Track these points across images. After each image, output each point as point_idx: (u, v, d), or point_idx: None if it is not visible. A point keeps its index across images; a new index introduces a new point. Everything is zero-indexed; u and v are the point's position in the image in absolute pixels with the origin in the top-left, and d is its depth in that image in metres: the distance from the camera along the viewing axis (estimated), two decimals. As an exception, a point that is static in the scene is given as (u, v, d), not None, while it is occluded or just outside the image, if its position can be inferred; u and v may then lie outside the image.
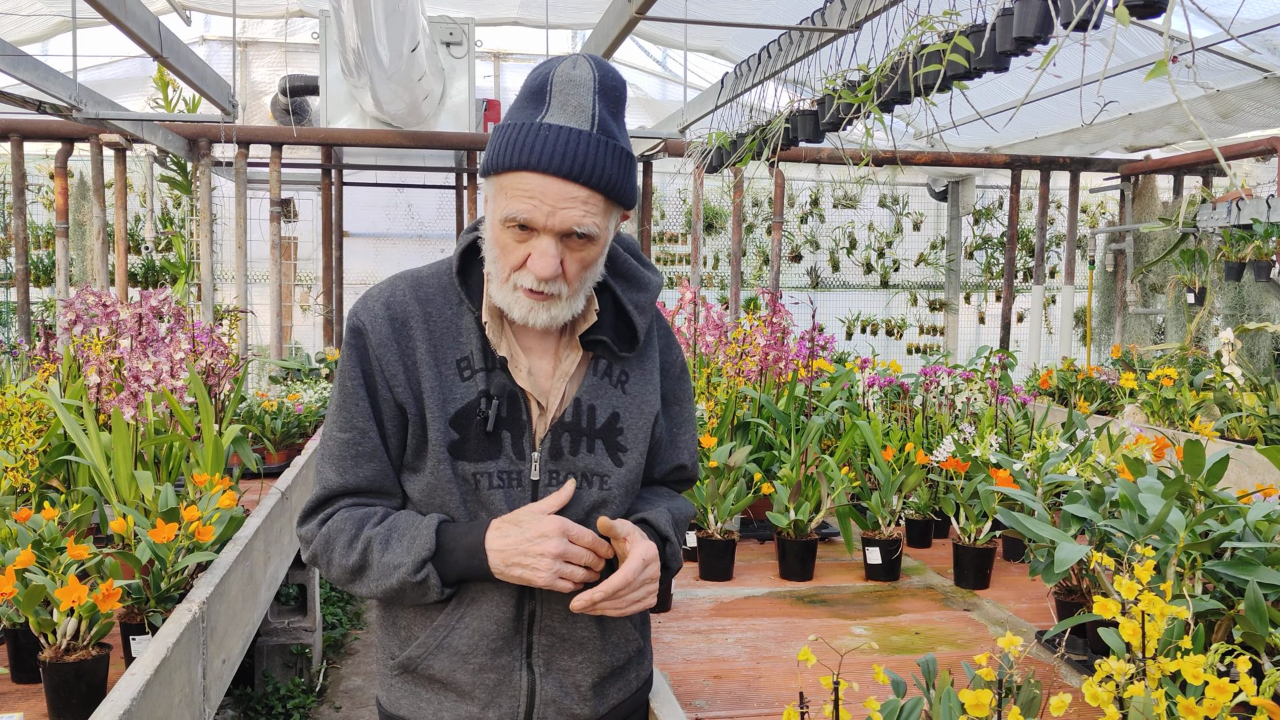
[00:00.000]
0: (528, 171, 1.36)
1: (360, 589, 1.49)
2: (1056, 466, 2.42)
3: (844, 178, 10.31)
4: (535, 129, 1.37)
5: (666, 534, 1.58)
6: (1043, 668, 2.08)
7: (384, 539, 1.46)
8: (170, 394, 2.90)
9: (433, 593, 1.46)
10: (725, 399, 3.31)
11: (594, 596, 1.42)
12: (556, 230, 1.38)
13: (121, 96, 8.07)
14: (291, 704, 4.19)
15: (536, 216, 1.37)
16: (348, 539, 1.48)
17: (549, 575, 1.40)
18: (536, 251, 1.39)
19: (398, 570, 1.44)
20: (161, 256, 8.31)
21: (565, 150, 1.35)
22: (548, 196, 1.36)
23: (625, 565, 1.44)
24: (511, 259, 1.42)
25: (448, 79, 7.24)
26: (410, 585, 1.44)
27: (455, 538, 1.45)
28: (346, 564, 1.47)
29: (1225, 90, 5.88)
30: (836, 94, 3.57)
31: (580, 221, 1.38)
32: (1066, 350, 8.00)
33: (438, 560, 1.45)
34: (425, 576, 1.44)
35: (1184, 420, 4.40)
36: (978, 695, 1.25)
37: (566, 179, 1.36)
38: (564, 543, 1.41)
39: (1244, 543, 1.75)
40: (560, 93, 1.38)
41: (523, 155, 1.36)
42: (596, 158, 1.37)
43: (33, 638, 1.98)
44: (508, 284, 1.44)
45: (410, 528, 1.46)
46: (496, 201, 1.41)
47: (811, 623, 2.38)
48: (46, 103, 5.12)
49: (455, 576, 1.46)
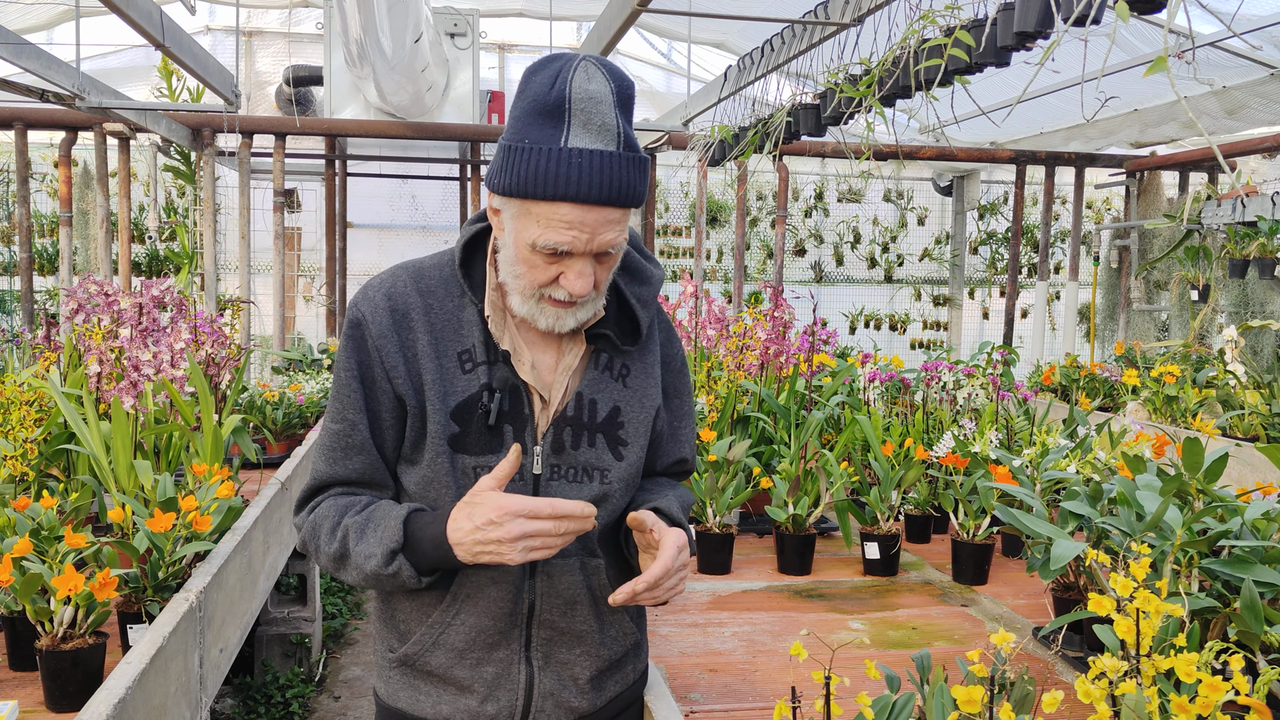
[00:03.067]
0: (564, 203, 1.33)
1: (346, 577, 1.49)
2: (1056, 463, 2.41)
3: (848, 172, 10.29)
4: (565, 156, 1.32)
5: (680, 520, 1.58)
6: (1038, 664, 2.08)
7: (360, 528, 1.45)
8: (170, 384, 2.90)
9: (411, 582, 1.44)
10: (725, 393, 3.31)
11: (636, 588, 1.41)
12: (594, 253, 1.38)
13: (126, 86, 8.06)
14: (291, 693, 4.20)
15: (577, 246, 1.36)
16: (330, 526, 1.48)
17: (519, 556, 1.35)
18: (573, 273, 1.38)
19: (370, 560, 1.43)
20: (165, 246, 8.32)
21: (601, 178, 1.33)
22: (587, 225, 1.35)
23: (661, 553, 1.43)
24: (540, 277, 1.40)
25: (452, 70, 7.23)
26: (384, 576, 1.43)
27: (422, 528, 1.43)
28: (330, 551, 1.47)
29: (1231, 86, 5.86)
30: (838, 88, 3.56)
31: (615, 242, 1.38)
32: (1070, 346, 7.99)
33: (408, 551, 1.43)
34: (398, 569, 1.42)
35: (1186, 418, 4.39)
36: (970, 691, 1.25)
37: (604, 205, 1.34)
38: (523, 524, 1.34)
39: (1241, 541, 1.74)
40: (581, 111, 1.33)
41: (558, 186, 1.32)
42: (627, 178, 1.35)
43: (30, 626, 1.99)
44: (533, 298, 1.43)
45: (384, 518, 1.45)
46: (523, 224, 1.37)
47: (809, 617, 2.38)
48: (50, 91, 5.12)
49: (430, 566, 1.44)
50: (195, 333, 3.29)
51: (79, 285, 3.40)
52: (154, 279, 3.82)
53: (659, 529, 1.47)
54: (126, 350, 2.89)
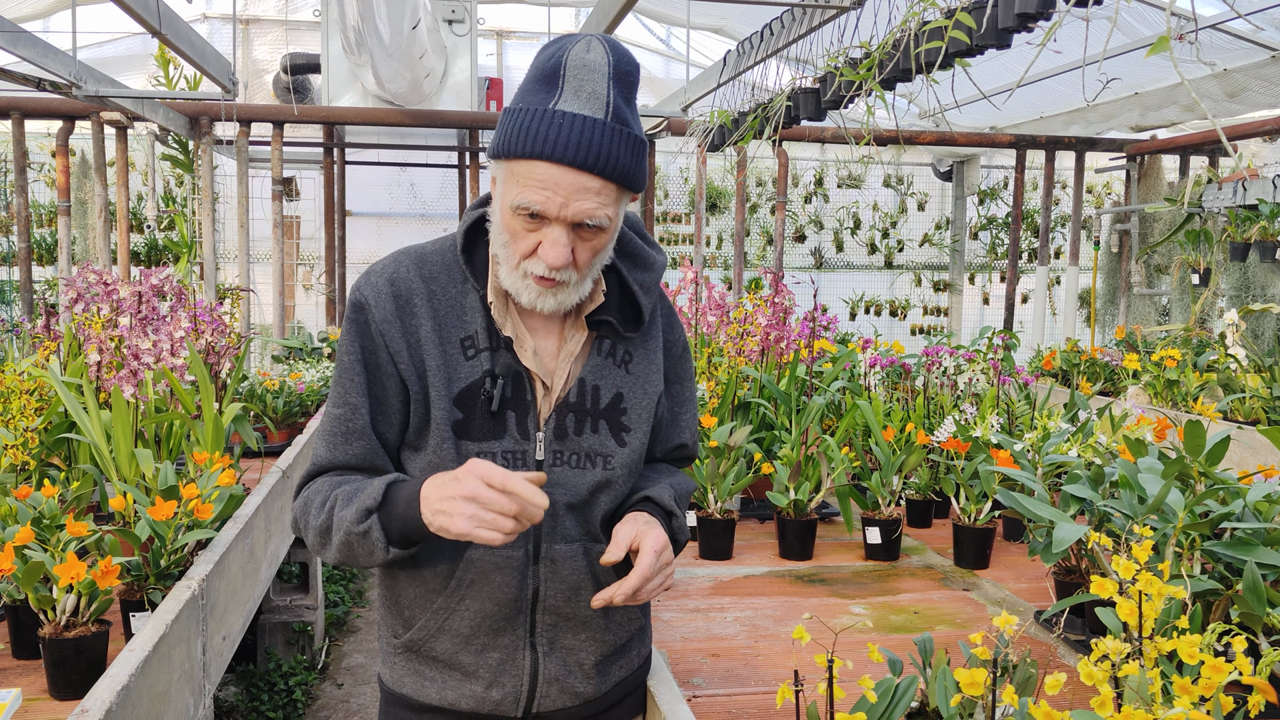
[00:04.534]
0: (540, 160, 1.33)
1: (328, 554, 1.47)
2: (1057, 447, 2.41)
3: (848, 157, 10.27)
4: (549, 116, 1.33)
5: (671, 509, 1.57)
6: (1040, 647, 2.08)
7: (348, 496, 1.44)
8: (170, 372, 2.89)
9: (378, 549, 1.41)
10: (726, 379, 3.31)
11: (614, 598, 1.40)
12: (569, 220, 1.36)
13: (123, 74, 8.03)
14: (294, 680, 4.21)
15: (549, 207, 1.35)
16: (320, 501, 1.47)
17: (465, 522, 1.31)
18: (548, 241, 1.37)
19: (345, 522, 1.41)
20: (164, 235, 8.31)
21: (580, 140, 1.32)
22: (561, 187, 1.34)
23: (639, 562, 1.42)
24: (522, 246, 1.40)
25: (450, 57, 7.20)
26: (355, 537, 1.41)
27: (400, 488, 1.42)
28: (316, 524, 1.46)
29: (1232, 69, 5.84)
30: (838, 71, 3.55)
31: (593, 213, 1.36)
32: (1070, 331, 7.98)
33: (382, 511, 1.41)
34: (368, 528, 1.40)
35: (1187, 401, 4.39)
36: (973, 674, 1.25)
37: (580, 169, 1.33)
38: (477, 485, 1.30)
39: (1243, 523, 1.74)
40: (574, 78, 1.34)
41: (536, 143, 1.33)
42: (611, 147, 1.34)
43: (33, 614, 1.99)
44: (517, 270, 1.42)
45: (370, 485, 1.43)
46: (507, 187, 1.38)
47: (810, 602, 2.38)
48: (47, 80, 5.10)
49: (398, 530, 1.40)
50: (195, 321, 3.29)
51: (78, 275, 3.39)
52: (153, 268, 3.81)
53: (638, 537, 1.44)
54: (126, 339, 2.88)
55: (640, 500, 1.57)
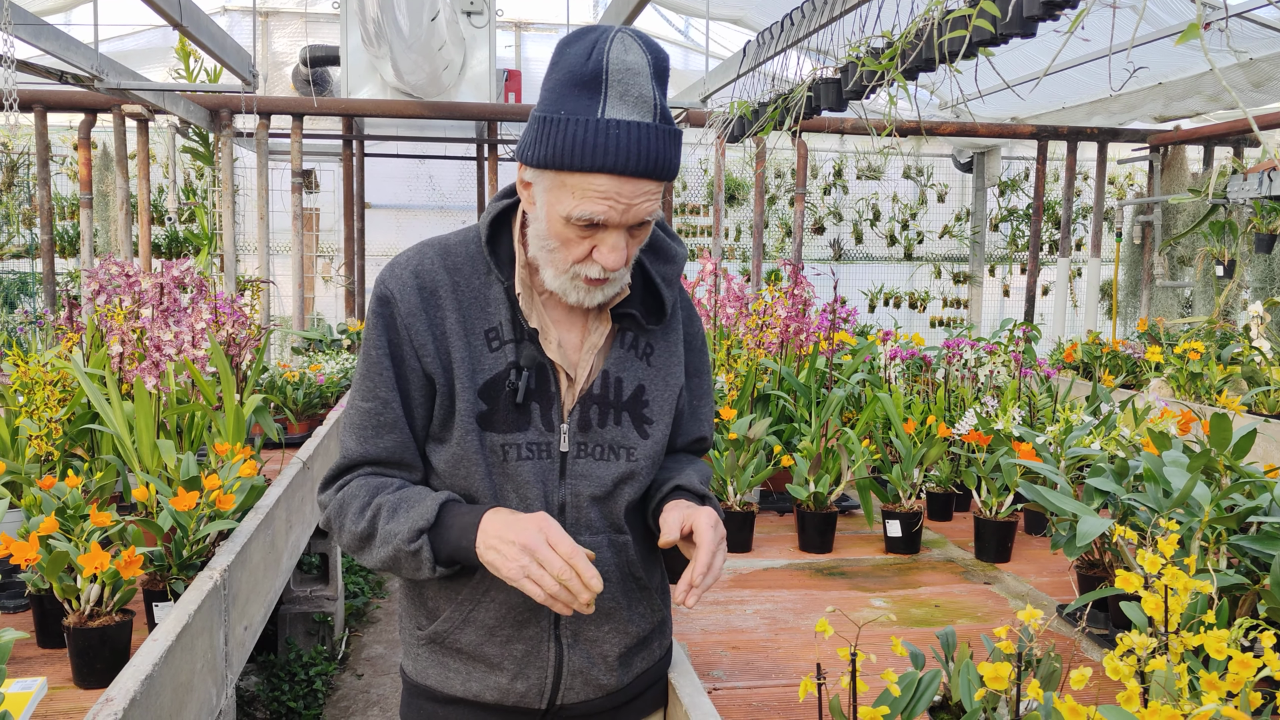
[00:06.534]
0: (599, 174, 1.32)
1: (366, 559, 1.48)
2: (1080, 440, 2.39)
3: (867, 149, 10.21)
4: (603, 127, 1.31)
5: (703, 493, 1.59)
6: (1063, 641, 2.07)
7: (393, 507, 1.45)
8: (192, 364, 2.91)
9: (425, 567, 1.43)
10: (745, 371, 3.30)
11: (695, 581, 1.39)
12: (629, 225, 1.37)
13: (143, 67, 8.08)
14: (314, 671, 4.24)
15: (612, 217, 1.35)
16: (360, 505, 1.47)
17: (515, 568, 1.33)
18: (606, 246, 1.37)
19: (395, 538, 1.42)
20: (185, 227, 8.36)
21: (638, 149, 1.32)
22: (623, 196, 1.34)
23: (700, 538, 1.42)
24: (575, 252, 1.39)
25: (468, 49, 7.20)
26: (404, 554, 1.42)
27: (456, 515, 1.43)
28: (356, 530, 1.46)
29: (1258, 58, 5.77)
30: (860, 61, 3.52)
31: (650, 212, 1.38)
32: (1092, 324, 7.92)
33: (434, 533, 1.42)
34: (419, 547, 1.41)
35: (1210, 394, 4.35)
36: (997, 668, 1.24)
37: (641, 178, 1.34)
38: (539, 538, 1.33)
39: (1270, 517, 1.72)
40: (619, 82, 1.32)
41: (594, 156, 1.31)
42: (663, 149, 1.34)
43: (57, 603, 2.01)
44: (566, 274, 1.42)
45: (420, 500, 1.45)
46: (557, 196, 1.36)
47: (830, 595, 2.37)
48: (69, 73, 5.13)
49: (447, 553, 1.42)
50: (216, 313, 3.30)
51: (100, 267, 3.41)
52: (174, 260, 3.83)
53: (689, 522, 1.45)
54: (148, 331, 2.90)
55: (672, 489, 1.57)
